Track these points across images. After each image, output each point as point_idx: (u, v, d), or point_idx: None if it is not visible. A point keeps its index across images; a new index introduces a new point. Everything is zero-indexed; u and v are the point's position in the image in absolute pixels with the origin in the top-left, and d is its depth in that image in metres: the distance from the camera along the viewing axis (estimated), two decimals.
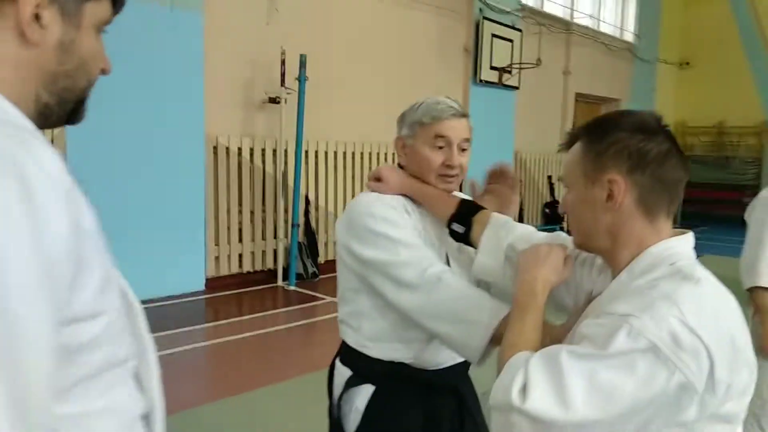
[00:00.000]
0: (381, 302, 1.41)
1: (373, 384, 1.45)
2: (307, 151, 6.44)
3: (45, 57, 0.62)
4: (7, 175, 0.49)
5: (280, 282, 6.18)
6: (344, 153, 6.95)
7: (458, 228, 1.40)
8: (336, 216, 6.92)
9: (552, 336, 1.07)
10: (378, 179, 1.51)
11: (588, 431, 0.86)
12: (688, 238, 1.02)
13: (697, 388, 0.86)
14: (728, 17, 12.93)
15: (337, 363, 1.53)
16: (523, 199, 9.37)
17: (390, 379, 1.45)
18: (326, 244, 6.83)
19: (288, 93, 6.00)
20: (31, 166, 0.50)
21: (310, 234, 6.56)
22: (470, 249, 1.42)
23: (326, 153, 6.75)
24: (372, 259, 1.38)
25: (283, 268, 6.21)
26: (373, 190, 1.51)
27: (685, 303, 0.88)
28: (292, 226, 6.24)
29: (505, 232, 1.33)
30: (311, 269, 6.42)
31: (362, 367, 1.47)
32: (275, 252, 6.31)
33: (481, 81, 8.34)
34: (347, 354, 1.51)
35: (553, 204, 10.17)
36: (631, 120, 1.02)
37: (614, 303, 0.94)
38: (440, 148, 1.45)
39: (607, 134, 1.01)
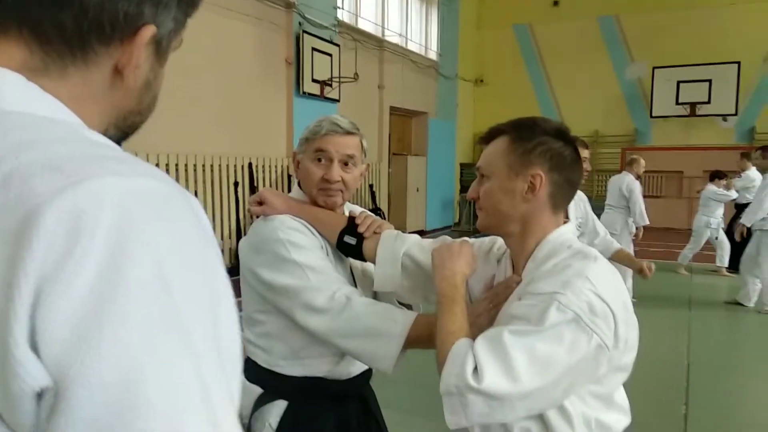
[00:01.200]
0: (291, 323, 1.42)
1: (285, 399, 1.47)
2: None
3: (128, 97, 0.59)
4: (196, 227, 0.49)
5: None
6: (167, 165, 6.60)
7: (350, 240, 1.45)
8: None
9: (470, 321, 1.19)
10: (260, 203, 1.50)
11: (532, 399, 1.01)
12: (571, 225, 1.24)
13: (609, 346, 1.05)
14: (512, 39, 14.70)
15: (244, 381, 1.52)
16: None
17: (302, 393, 1.48)
18: None
19: None
20: (207, 226, 0.50)
21: None
22: (369, 264, 1.50)
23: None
24: (281, 285, 1.39)
25: None
26: (256, 215, 1.50)
27: (595, 277, 1.07)
28: None
29: (399, 242, 1.43)
30: None
31: (274, 384, 1.48)
32: None
33: (304, 93, 8.48)
34: (256, 373, 1.50)
35: (374, 211, 10.66)
36: (552, 126, 1.20)
37: (535, 284, 1.10)
38: (320, 161, 1.49)
39: (535, 135, 1.18)
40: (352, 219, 1.50)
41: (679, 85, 12.94)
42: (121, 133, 0.62)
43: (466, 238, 1.36)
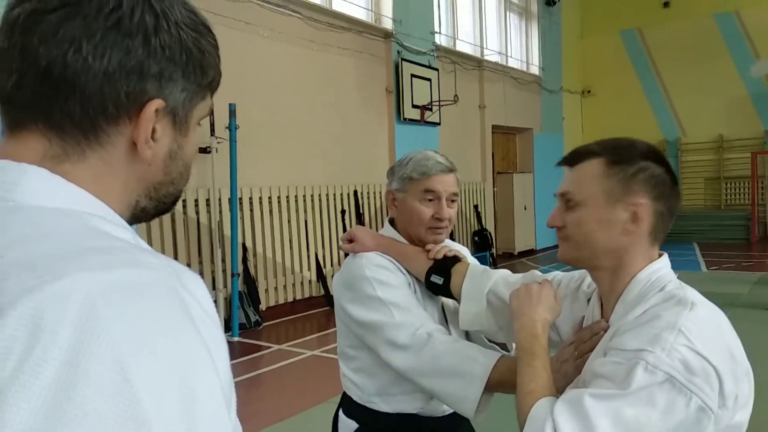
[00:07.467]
0: (380, 359, 1.43)
1: None
2: (240, 199, 6.39)
3: (153, 169, 0.60)
4: (184, 315, 0.48)
5: None
6: (278, 198, 6.95)
7: (437, 279, 1.43)
8: (275, 261, 6.88)
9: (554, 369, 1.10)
10: (351, 240, 1.53)
11: None
12: (665, 260, 1.09)
13: (713, 408, 0.91)
14: (619, 46, 14.06)
15: (342, 416, 1.55)
16: (454, 229, 9.63)
17: (397, 430, 1.48)
18: (267, 291, 6.75)
19: (219, 142, 5.97)
20: (196, 307, 0.50)
21: (250, 282, 6.47)
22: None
23: (260, 199, 6.73)
24: (367, 322, 1.42)
25: (225, 319, 6.08)
26: (346, 252, 1.54)
27: (689, 330, 0.92)
28: (232, 275, 6.13)
29: (485, 279, 1.38)
30: (254, 318, 6.31)
31: (370, 420, 1.50)
32: (215, 303, 6.15)
33: (405, 119, 8.61)
34: (352, 408, 1.53)
35: (481, 232, 10.51)
36: (650, 149, 1.07)
37: (621, 338, 0.97)
38: (430, 201, 1.50)
39: (635, 158, 1.04)
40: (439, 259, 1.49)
41: None
42: (157, 203, 0.64)
43: (556, 273, 1.28)
